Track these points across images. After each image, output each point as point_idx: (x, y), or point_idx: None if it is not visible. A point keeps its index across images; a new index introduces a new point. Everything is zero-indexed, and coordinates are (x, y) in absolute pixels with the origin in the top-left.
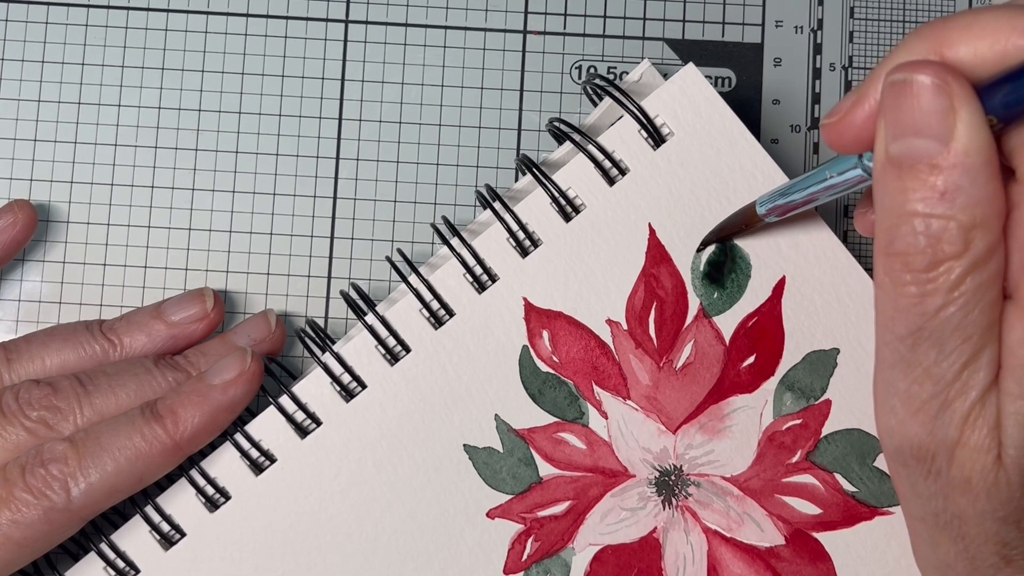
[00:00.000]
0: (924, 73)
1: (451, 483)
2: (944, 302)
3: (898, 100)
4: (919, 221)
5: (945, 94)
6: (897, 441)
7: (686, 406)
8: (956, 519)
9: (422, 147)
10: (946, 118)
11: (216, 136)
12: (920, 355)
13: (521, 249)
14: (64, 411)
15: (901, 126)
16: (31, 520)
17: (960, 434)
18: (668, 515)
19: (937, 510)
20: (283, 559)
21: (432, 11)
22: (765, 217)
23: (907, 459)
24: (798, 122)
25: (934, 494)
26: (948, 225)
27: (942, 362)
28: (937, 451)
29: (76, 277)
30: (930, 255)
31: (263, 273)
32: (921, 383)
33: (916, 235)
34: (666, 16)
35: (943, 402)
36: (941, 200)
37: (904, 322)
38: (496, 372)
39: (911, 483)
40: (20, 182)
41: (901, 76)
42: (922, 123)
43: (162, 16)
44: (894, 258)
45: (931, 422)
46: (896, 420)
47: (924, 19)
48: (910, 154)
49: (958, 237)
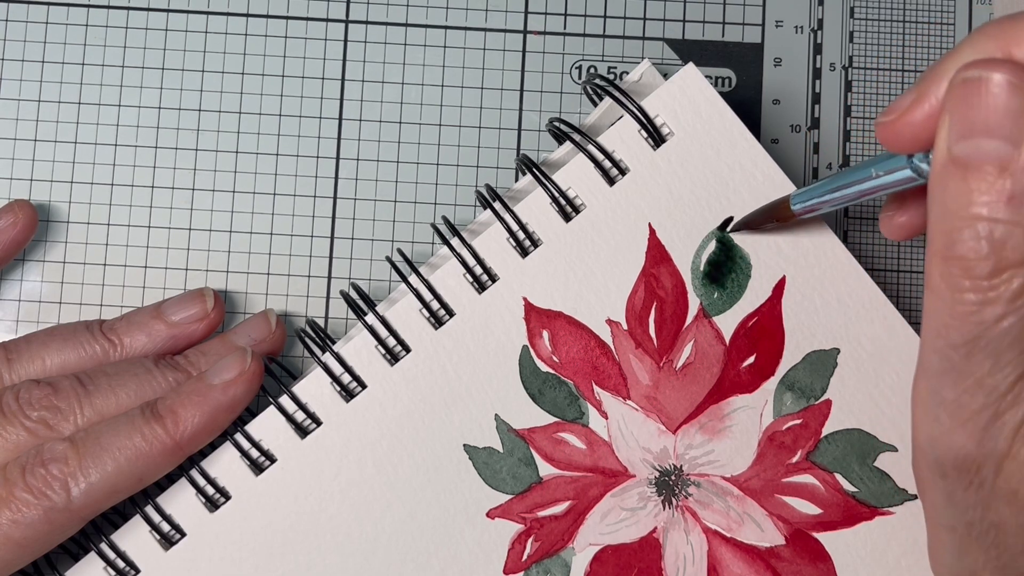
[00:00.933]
0: (1000, 71)
1: (451, 483)
2: (1004, 311)
3: (968, 98)
4: (983, 225)
5: (1021, 95)
6: (940, 451)
7: (686, 406)
8: (994, 529)
9: (422, 147)
10: (1020, 120)
11: (216, 136)
12: (974, 365)
13: (521, 249)
14: (64, 411)
15: (970, 125)
16: (31, 520)
17: (1010, 447)
18: (668, 515)
19: (972, 520)
20: (283, 559)
21: (432, 11)
22: (800, 215)
23: (947, 470)
24: (798, 122)
25: (973, 504)
26: (1014, 231)
27: (996, 373)
28: (984, 462)
29: (76, 277)
30: (993, 262)
31: (263, 273)
32: (972, 394)
33: (979, 240)
34: (666, 16)
35: (994, 413)
36: (1008, 205)
37: (960, 330)
38: (496, 372)
39: (947, 493)
40: (20, 182)
41: (975, 73)
42: (994, 123)
43: (162, 16)
44: (953, 262)
45: (980, 433)
46: (941, 430)
47: (924, 19)
48: (978, 155)
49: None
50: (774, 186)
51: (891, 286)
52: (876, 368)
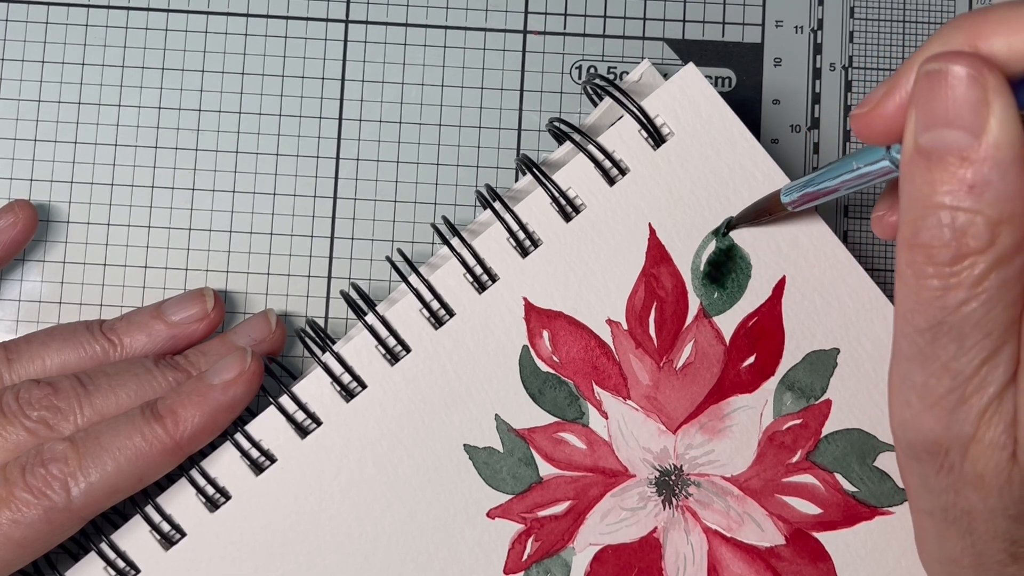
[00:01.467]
0: (959, 64)
1: (451, 483)
2: (966, 297)
3: (931, 90)
4: (945, 214)
5: (980, 86)
6: (911, 435)
7: (686, 406)
8: (966, 515)
9: (422, 147)
10: (979, 111)
11: (216, 136)
12: (939, 349)
13: (521, 249)
14: (64, 411)
15: (932, 116)
16: (31, 520)
17: (976, 430)
18: (668, 515)
19: (947, 505)
20: (283, 559)
21: (432, 11)
22: (790, 206)
23: (919, 453)
24: (798, 122)
25: (945, 489)
26: (975, 219)
27: (961, 357)
28: (951, 446)
29: (76, 277)
30: (954, 248)
31: (263, 273)
32: (939, 377)
33: (941, 227)
34: (666, 16)
35: (960, 397)
36: (969, 193)
37: (924, 315)
38: (496, 372)
39: (922, 477)
40: (20, 182)
41: (936, 66)
42: (954, 114)
43: (162, 16)
44: (917, 250)
45: (947, 417)
46: (911, 413)
47: (924, 19)
48: (940, 145)
49: (984, 232)
50: (774, 186)
51: (891, 286)
52: (876, 368)
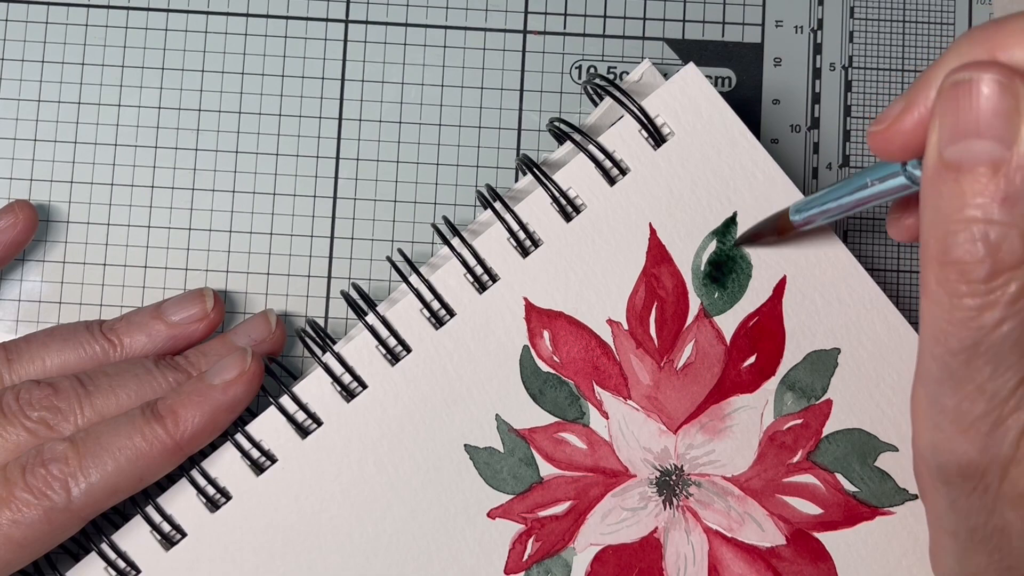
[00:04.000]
0: (990, 72)
1: (452, 483)
2: (1003, 316)
3: (958, 100)
4: (978, 228)
5: (1012, 95)
6: (942, 458)
7: (687, 406)
8: (998, 532)
9: (422, 147)
10: (1011, 120)
11: (216, 136)
12: (974, 371)
13: (522, 249)
14: (65, 411)
15: (961, 127)
16: (32, 520)
17: (1015, 451)
18: (669, 515)
19: (976, 525)
20: (284, 559)
21: (432, 11)
22: (799, 226)
23: (950, 476)
24: (798, 122)
25: (977, 510)
26: (1009, 233)
27: (998, 378)
28: (988, 468)
29: (76, 277)
30: (989, 264)
31: (263, 273)
32: (973, 400)
33: (975, 242)
34: (666, 16)
35: (997, 419)
36: (1002, 206)
37: (959, 336)
38: (497, 372)
39: (950, 499)
40: (20, 182)
41: (964, 76)
42: (985, 124)
43: (162, 16)
44: (949, 267)
45: (983, 439)
46: (942, 437)
47: (924, 19)
48: (969, 157)
49: (1020, 246)
50: (775, 186)
51: (891, 286)
52: (877, 368)
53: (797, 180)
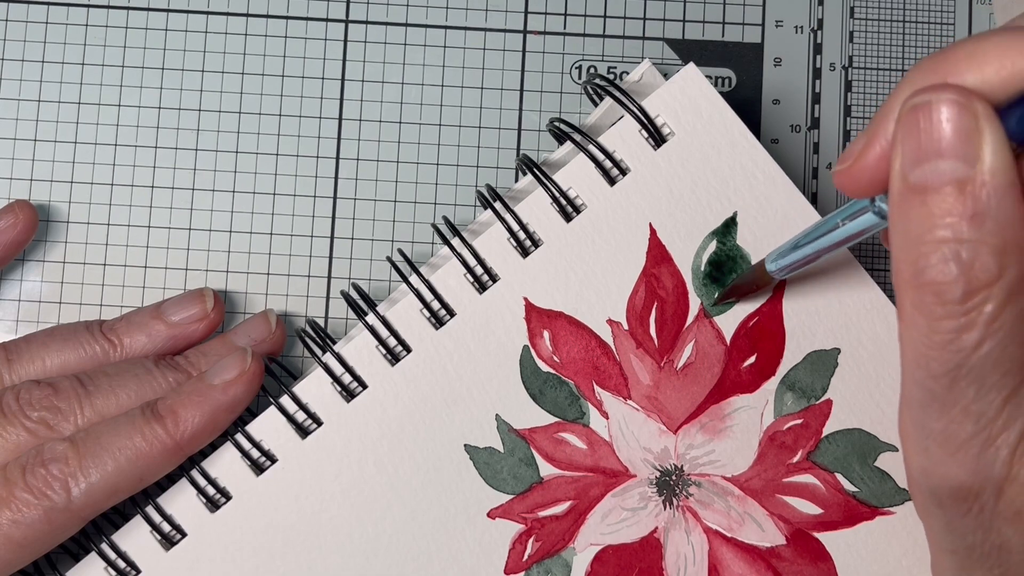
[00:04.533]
0: (947, 93)
1: (452, 483)
2: (982, 336)
3: (918, 124)
4: (948, 247)
5: (970, 114)
6: (934, 482)
7: (687, 406)
8: (997, 549)
9: (422, 147)
10: (972, 139)
11: (216, 136)
12: (958, 394)
13: (522, 249)
14: (65, 411)
15: (923, 150)
16: (32, 520)
17: (1008, 470)
18: (669, 515)
19: (974, 543)
20: (284, 559)
21: (432, 11)
22: (776, 274)
23: (943, 500)
24: (798, 122)
25: (973, 529)
26: (980, 250)
27: (982, 399)
28: (982, 489)
29: (76, 277)
30: (964, 283)
31: (263, 273)
32: (960, 422)
33: (947, 262)
34: (666, 16)
35: (986, 440)
36: (971, 224)
37: (939, 360)
38: (497, 372)
39: (946, 521)
40: (20, 182)
41: (922, 99)
42: (946, 144)
43: (162, 16)
44: (924, 289)
45: (973, 461)
46: (931, 462)
47: (924, 19)
48: (934, 177)
49: (992, 262)
50: (775, 186)
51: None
52: (877, 368)
53: (797, 180)
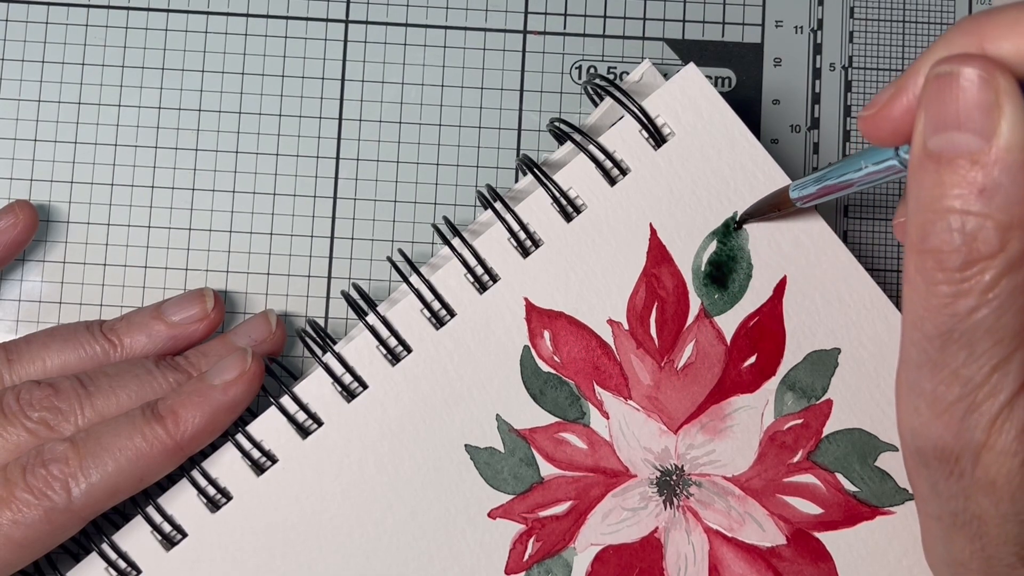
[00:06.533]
0: (970, 66)
1: (452, 483)
2: (977, 303)
3: (941, 93)
4: (955, 218)
5: (991, 89)
6: (920, 442)
7: (687, 406)
8: (976, 519)
9: (422, 147)
10: (990, 114)
11: (216, 136)
12: (949, 356)
13: (522, 249)
14: (65, 412)
15: (942, 119)
16: (32, 520)
17: (987, 437)
18: (669, 515)
19: (956, 510)
20: (284, 559)
21: (432, 11)
22: (799, 202)
23: (929, 460)
24: (798, 122)
25: (955, 494)
26: (985, 224)
27: (971, 364)
28: (962, 453)
29: (76, 277)
30: (964, 254)
31: (263, 273)
32: (948, 384)
33: (951, 232)
34: (666, 16)
35: (970, 404)
36: (979, 197)
37: (934, 322)
38: (497, 372)
39: (931, 483)
40: (20, 182)
41: (946, 68)
42: (965, 117)
43: (162, 16)
44: (927, 255)
45: (957, 424)
46: (920, 421)
47: (924, 19)
48: (950, 148)
49: (995, 237)
50: (775, 186)
51: (891, 286)
52: (877, 368)
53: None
